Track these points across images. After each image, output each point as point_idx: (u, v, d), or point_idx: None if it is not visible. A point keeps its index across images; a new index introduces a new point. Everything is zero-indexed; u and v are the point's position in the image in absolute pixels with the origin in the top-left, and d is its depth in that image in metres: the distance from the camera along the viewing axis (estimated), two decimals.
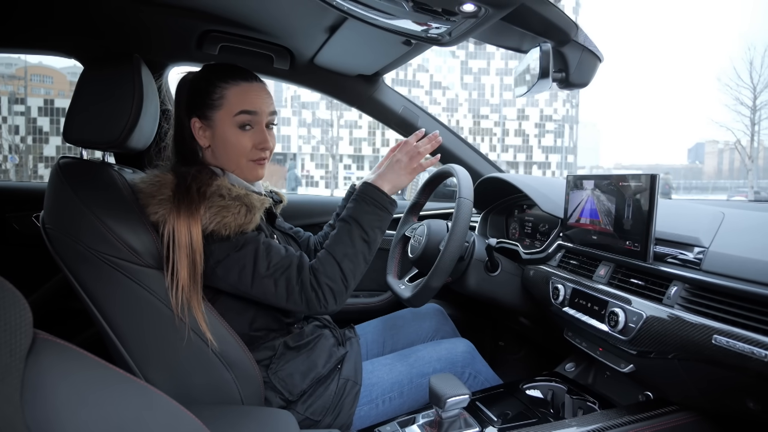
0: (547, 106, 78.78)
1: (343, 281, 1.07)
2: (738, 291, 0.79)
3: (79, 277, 0.98)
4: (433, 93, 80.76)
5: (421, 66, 79.63)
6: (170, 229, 0.98)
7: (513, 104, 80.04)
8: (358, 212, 1.12)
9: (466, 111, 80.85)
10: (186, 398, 1.03)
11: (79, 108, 1.03)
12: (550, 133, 77.24)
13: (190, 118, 1.12)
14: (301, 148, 72.02)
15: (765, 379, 0.74)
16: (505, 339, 1.97)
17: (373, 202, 1.13)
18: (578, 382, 1.28)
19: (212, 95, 1.10)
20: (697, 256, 0.90)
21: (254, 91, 1.12)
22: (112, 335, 1.00)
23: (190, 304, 0.99)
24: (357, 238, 1.09)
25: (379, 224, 1.13)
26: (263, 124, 1.13)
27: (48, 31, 1.29)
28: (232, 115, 1.09)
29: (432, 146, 1.22)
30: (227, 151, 1.12)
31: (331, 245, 1.09)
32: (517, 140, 77.71)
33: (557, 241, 1.32)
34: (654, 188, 0.96)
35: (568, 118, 75.36)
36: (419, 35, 1.09)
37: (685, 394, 0.99)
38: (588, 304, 1.11)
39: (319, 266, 1.06)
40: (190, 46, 1.41)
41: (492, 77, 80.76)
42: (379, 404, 1.21)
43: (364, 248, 1.10)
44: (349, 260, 1.08)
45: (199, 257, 0.99)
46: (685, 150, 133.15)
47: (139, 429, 0.58)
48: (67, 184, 0.98)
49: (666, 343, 0.89)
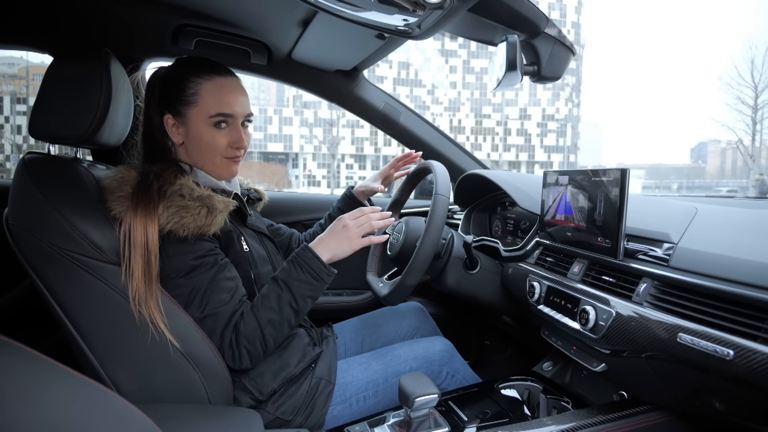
0: (549, 105, 78.74)
1: (262, 345, 1.04)
2: (704, 288, 0.77)
3: (42, 274, 0.97)
4: (435, 92, 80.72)
5: (423, 66, 79.60)
6: (126, 227, 0.97)
7: (515, 104, 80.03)
8: (291, 279, 1.07)
9: (468, 110, 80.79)
10: (151, 398, 1.02)
11: (45, 103, 1.01)
12: (553, 132, 77.17)
13: (163, 115, 1.10)
14: (303, 148, 72.03)
15: (728, 379, 0.72)
16: (491, 338, 1.95)
17: (309, 270, 1.08)
18: (555, 381, 1.26)
19: (185, 91, 1.08)
20: (666, 252, 0.88)
21: (229, 88, 1.11)
22: (75, 334, 0.98)
23: (147, 303, 0.96)
24: (285, 305, 1.05)
25: (311, 294, 1.09)
26: (239, 123, 1.12)
27: (18, 24, 1.27)
28: (207, 116, 1.08)
29: (385, 224, 1.18)
30: (201, 148, 1.10)
31: (258, 308, 1.05)
32: (520, 140, 77.68)
33: (535, 238, 1.30)
34: (624, 183, 0.93)
35: (570, 117, 75.24)
36: (389, 28, 1.07)
37: (656, 394, 0.97)
38: (562, 302, 1.09)
39: (241, 326, 1.03)
40: (165, 41, 1.39)
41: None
42: (353, 403, 1.19)
43: (290, 315, 1.07)
44: (273, 327, 1.05)
45: (154, 258, 0.97)
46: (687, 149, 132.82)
47: (82, 427, 0.57)
48: (31, 180, 0.96)
49: (634, 342, 0.87)
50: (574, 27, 78.90)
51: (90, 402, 0.61)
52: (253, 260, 1.14)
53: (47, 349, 1.02)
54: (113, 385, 0.99)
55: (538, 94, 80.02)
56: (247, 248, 1.14)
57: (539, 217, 1.27)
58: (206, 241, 1.03)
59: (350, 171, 72.49)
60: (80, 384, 0.61)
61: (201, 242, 1.02)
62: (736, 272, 0.74)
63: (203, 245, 1.03)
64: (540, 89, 79.77)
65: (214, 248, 1.05)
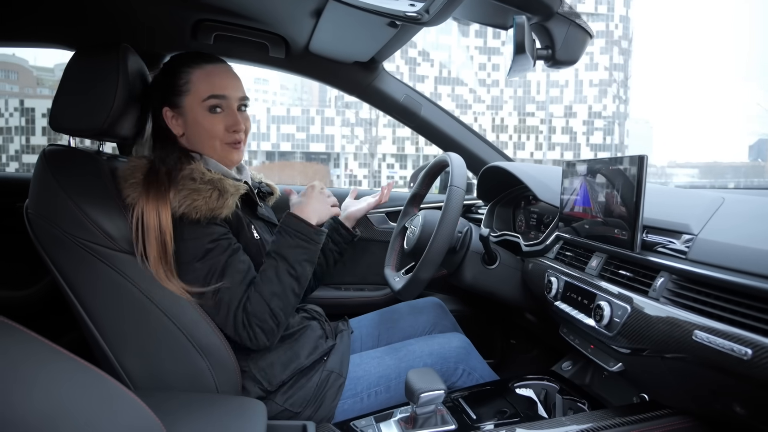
0: (596, 102, 76.46)
1: (273, 319, 1.04)
2: (722, 282, 0.71)
3: (57, 261, 1.00)
4: (478, 91, 79.80)
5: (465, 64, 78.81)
6: (139, 211, 0.99)
7: (560, 101, 78.23)
8: (282, 246, 1.08)
9: (511, 108, 79.48)
10: (161, 385, 1.03)
11: (64, 96, 1.04)
12: (599, 130, 74.82)
13: (162, 108, 1.12)
14: (344, 148, 72.63)
15: (746, 381, 0.66)
16: (517, 337, 1.90)
17: (297, 234, 1.09)
18: (573, 381, 1.20)
19: (178, 81, 1.10)
20: (685, 245, 0.82)
21: (219, 72, 1.12)
22: (87, 321, 1.01)
23: (170, 281, 0.99)
24: (284, 273, 1.06)
25: (306, 257, 1.09)
26: (234, 106, 1.13)
27: (37, 21, 1.31)
28: (200, 100, 1.09)
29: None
30: (200, 135, 1.12)
31: (260, 284, 1.05)
32: (564, 138, 75.66)
33: (555, 232, 1.24)
34: (642, 171, 0.87)
35: (618, 114, 72.76)
36: (398, 15, 1.05)
37: (675, 397, 0.90)
38: (578, 298, 1.04)
39: (248, 306, 1.04)
40: (185, 36, 1.41)
41: (538, 74, 79.03)
42: (364, 398, 1.17)
43: (292, 283, 1.06)
44: (278, 298, 1.05)
45: (170, 238, 0.99)
46: (746, 147, 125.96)
47: (72, 408, 0.57)
48: (49, 171, 1.00)
49: (650, 340, 0.81)
50: (622, 21, 76.31)
51: (81, 383, 0.61)
52: (264, 248, 1.15)
53: (73, 340, 1.06)
54: (124, 372, 1.01)
55: (585, 90, 77.89)
56: (258, 236, 1.15)
57: (559, 210, 1.21)
58: (218, 225, 1.05)
59: (391, 171, 72.52)
60: (73, 366, 0.62)
61: (214, 226, 1.04)
62: (759, 264, 0.68)
63: (216, 229, 1.04)
64: (586, 86, 77.65)
65: (226, 233, 1.06)
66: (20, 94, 74.18)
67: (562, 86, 79.72)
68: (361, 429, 1.04)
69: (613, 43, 75.52)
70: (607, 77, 75.77)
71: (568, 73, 78.72)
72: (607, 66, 75.89)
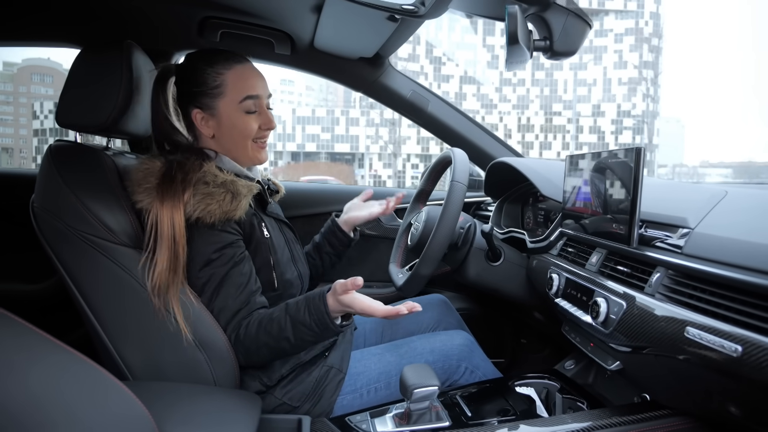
0: (625, 101, 74.87)
1: (256, 358, 1.07)
2: (715, 276, 0.68)
3: (60, 254, 1.02)
4: (503, 90, 79.03)
5: (490, 63, 78.14)
6: (153, 218, 0.99)
7: (588, 100, 76.81)
8: (298, 318, 1.04)
9: (537, 108, 78.44)
10: (159, 376, 1.05)
11: (70, 92, 1.07)
12: (628, 129, 73.20)
13: (190, 110, 1.12)
14: (369, 148, 72.77)
15: (737, 379, 0.63)
16: (528, 336, 1.86)
17: (317, 321, 1.03)
18: (574, 380, 1.17)
19: (209, 84, 1.10)
20: (681, 239, 0.79)
21: (249, 72, 1.13)
22: (89, 312, 1.03)
23: (168, 293, 0.99)
24: (283, 339, 1.04)
25: (311, 339, 1.05)
26: (264, 105, 1.15)
27: (45, 20, 1.35)
28: (237, 102, 1.10)
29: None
30: (234, 136, 1.13)
31: (263, 327, 1.04)
32: (592, 138, 74.21)
33: (559, 229, 1.22)
34: (639, 163, 0.85)
35: (647, 113, 71.07)
36: (394, 8, 1.05)
37: (675, 397, 0.87)
38: (578, 294, 1.02)
39: (242, 334, 1.05)
40: (192, 33, 1.43)
41: (565, 72, 77.89)
42: (364, 394, 1.17)
43: (285, 347, 1.05)
44: (269, 350, 1.06)
45: (182, 249, 1.00)
46: None
47: (61, 396, 0.59)
48: (53, 165, 1.02)
49: (644, 338, 0.79)
50: (652, 17, 74.47)
51: (72, 373, 0.63)
52: (273, 247, 1.15)
53: (83, 335, 1.08)
54: (123, 363, 1.03)
55: (613, 89, 76.34)
56: (267, 234, 1.15)
57: (562, 206, 1.19)
58: (229, 233, 1.05)
59: (416, 171, 72.25)
60: (66, 357, 0.63)
61: (225, 233, 1.04)
62: (754, 258, 0.65)
63: (226, 237, 1.05)
64: (615, 84, 76.10)
65: (235, 240, 1.06)
66: (54, 97, 76.48)
67: (590, 85, 78.25)
68: (355, 424, 1.04)
69: (642, 40, 73.82)
70: (637, 75, 74.09)
71: (596, 72, 77.33)
72: (636, 64, 74.25)
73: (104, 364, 1.05)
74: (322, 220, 1.53)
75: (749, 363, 0.59)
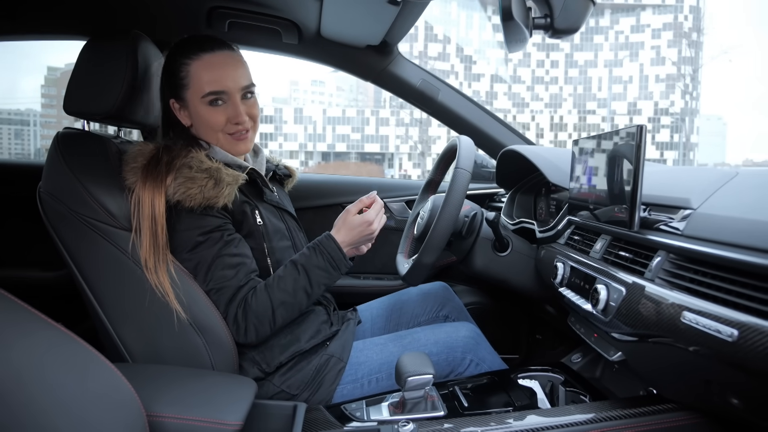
0: (662, 98, 72.72)
1: (270, 324, 1.05)
2: (713, 257, 0.63)
3: (62, 237, 1.04)
4: (535, 88, 77.82)
5: (522, 61, 77.06)
6: (136, 197, 1.01)
7: (623, 98, 74.96)
8: (311, 264, 1.08)
9: (570, 106, 76.94)
10: (157, 360, 1.06)
11: (77, 81, 1.09)
12: (666, 128, 71.11)
13: (169, 100, 1.14)
14: (398, 148, 72.70)
15: (733, 366, 0.58)
16: (542, 332, 1.81)
17: (329, 259, 1.09)
18: (580, 374, 1.13)
19: (179, 74, 1.10)
20: (683, 221, 0.75)
21: (217, 64, 1.10)
22: (90, 295, 1.04)
23: (157, 271, 1.00)
24: (300, 289, 1.06)
25: (326, 281, 1.09)
26: (236, 98, 1.11)
27: (56, 14, 1.38)
28: (200, 96, 1.09)
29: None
30: (203, 128, 1.13)
31: (273, 288, 1.05)
32: None
33: (567, 217, 1.17)
34: (640, 143, 0.80)
35: (686, 110, 68.78)
36: None
37: (678, 391, 0.82)
38: (581, 282, 0.97)
39: (252, 302, 1.04)
40: (200, 24, 1.44)
41: (600, 69, 76.17)
42: (365, 384, 1.15)
43: (303, 299, 1.07)
44: (285, 309, 1.05)
45: (161, 229, 1.01)
46: None
47: (44, 370, 0.59)
48: (59, 152, 1.04)
49: (642, 324, 0.75)
50: (692, 11, 72.08)
51: (59, 350, 0.64)
52: (267, 233, 1.15)
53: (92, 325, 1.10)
54: (122, 345, 1.04)
55: (650, 86, 74.22)
56: (260, 222, 1.14)
57: (569, 192, 1.14)
58: (214, 217, 1.05)
59: None
60: (55, 334, 0.64)
61: (209, 217, 1.04)
62: (754, 237, 0.60)
63: (211, 220, 1.05)
64: (652, 81, 73.99)
65: (222, 224, 1.06)
66: None
67: (626, 82, 76.31)
68: (350, 412, 1.02)
69: (682, 35, 71.52)
70: (675, 72, 71.81)
71: (632, 69, 75.36)
72: (675, 61, 71.95)
73: (106, 347, 1.07)
74: (333, 211, 1.52)
75: (744, 348, 0.55)
